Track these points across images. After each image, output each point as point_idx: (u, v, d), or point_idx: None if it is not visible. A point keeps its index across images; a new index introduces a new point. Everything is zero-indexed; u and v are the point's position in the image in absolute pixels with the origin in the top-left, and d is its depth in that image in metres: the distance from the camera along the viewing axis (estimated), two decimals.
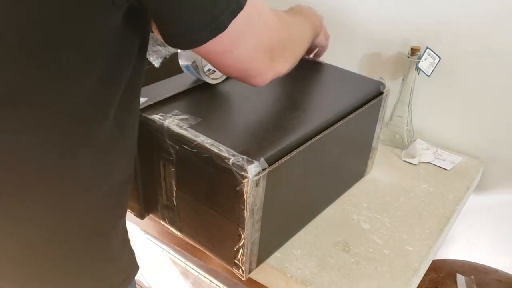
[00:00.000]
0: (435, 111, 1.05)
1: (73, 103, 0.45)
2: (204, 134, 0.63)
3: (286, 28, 0.59)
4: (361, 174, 0.92)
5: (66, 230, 0.52)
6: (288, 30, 0.61)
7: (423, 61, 0.96)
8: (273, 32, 0.54)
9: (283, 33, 0.58)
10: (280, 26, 0.56)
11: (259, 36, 0.51)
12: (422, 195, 0.90)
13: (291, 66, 0.63)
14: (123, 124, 0.53)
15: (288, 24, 0.62)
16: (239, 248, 0.65)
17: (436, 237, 0.80)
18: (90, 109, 0.47)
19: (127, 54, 0.49)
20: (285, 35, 0.59)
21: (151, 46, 0.91)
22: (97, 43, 0.44)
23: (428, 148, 1.02)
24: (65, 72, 0.43)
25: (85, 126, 0.48)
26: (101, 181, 0.53)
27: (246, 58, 0.52)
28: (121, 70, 0.49)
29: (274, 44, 0.55)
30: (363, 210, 0.84)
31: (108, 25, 0.43)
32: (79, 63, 0.44)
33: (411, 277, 0.72)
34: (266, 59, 0.55)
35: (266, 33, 0.53)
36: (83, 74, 0.45)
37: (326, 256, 0.74)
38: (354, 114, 0.76)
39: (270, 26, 0.54)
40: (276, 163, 0.62)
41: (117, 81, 0.49)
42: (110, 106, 0.50)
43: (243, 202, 0.60)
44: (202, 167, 0.63)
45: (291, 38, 0.62)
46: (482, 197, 1.06)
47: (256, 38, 0.51)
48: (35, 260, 0.52)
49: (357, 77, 0.86)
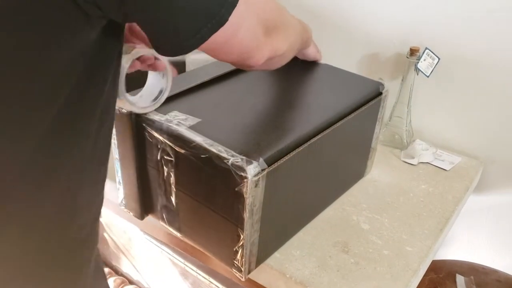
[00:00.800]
0: (434, 112, 1.05)
1: (34, 135, 0.42)
2: (203, 134, 0.63)
3: (280, 8, 0.59)
4: (360, 175, 0.92)
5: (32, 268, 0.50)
6: (282, 11, 0.60)
7: (422, 62, 0.96)
8: (269, 6, 0.54)
9: (277, 11, 0.58)
10: (274, 5, 0.57)
11: (256, 13, 0.51)
12: (421, 195, 0.90)
13: (288, 48, 0.62)
14: (94, 160, 0.51)
15: (282, 9, 0.62)
16: (239, 248, 0.65)
17: (436, 238, 0.80)
18: (55, 141, 0.44)
19: (100, 81, 0.45)
20: (280, 13, 0.59)
21: None
22: (61, 69, 0.40)
23: (427, 149, 1.02)
24: (23, 103, 0.40)
25: (51, 159, 0.45)
26: (68, 222, 0.51)
27: (246, 40, 0.50)
28: (92, 97, 0.46)
29: (270, 20, 0.55)
30: (362, 211, 0.84)
31: (79, 47, 0.40)
32: (40, 92, 0.40)
33: (411, 277, 0.72)
34: (262, 35, 0.53)
35: (262, 7, 0.52)
36: (44, 105, 0.41)
37: (325, 257, 0.74)
38: (353, 115, 0.76)
39: (266, 1, 0.54)
40: (275, 163, 0.62)
41: (86, 110, 0.45)
42: (79, 137, 0.46)
43: (242, 202, 0.60)
44: (201, 168, 0.63)
45: (286, 19, 0.62)
46: (481, 197, 1.06)
47: (254, 16, 0.50)
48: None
49: (356, 78, 0.86)
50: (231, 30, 0.46)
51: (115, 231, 1.35)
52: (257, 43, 0.53)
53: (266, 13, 0.54)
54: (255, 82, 0.82)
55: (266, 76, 0.84)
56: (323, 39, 1.13)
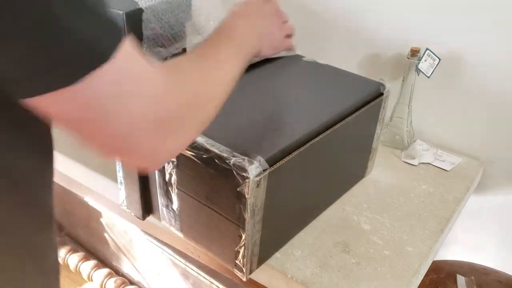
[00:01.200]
0: (435, 112, 1.05)
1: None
2: (205, 135, 0.64)
3: (177, 91, 0.44)
4: (361, 175, 0.92)
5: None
6: (182, 91, 0.45)
7: (423, 62, 0.96)
8: (157, 99, 0.41)
9: (172, 100, 0.43)
10: (168, 90, 0.42)
11: (136, 103, 0.39)
12: (422, 196, 0.90)
13: (195, 134, 0.51)
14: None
15: (182, 83, 0.46)
16: (240, 248, 0.65)
17: (436, 238, 0.80)
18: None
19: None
20: (176, 102, 0.43)
21: (151, 47, 0.91)
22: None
23: (428, 149, 1.02)
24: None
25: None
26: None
27: (119, 133, 0.39)
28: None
29: (161, 115, 0.41)
30: (363, 211, 0.84)
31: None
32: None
33: (411, 277, 0.72)
34: (150, 134, 0.41)
35: (146, 100, 0.39)
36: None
37: (326, 257, 0.74)
38: (354, 115, 0.76)
39: (151, 91, 0.40)
40: (277, 163, 0.62)
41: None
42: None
43: (244, 203, 0.60)
44: (202, 168, 0.63)
45: (190, 102, 0.46)
46: (482, 198, 1.07)
47: (132, 106, 0.38)
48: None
49: (357, 78, 0.87)
50: (88, 105, 0.37)
51: (116, 231, 1.35)
52: (140, 143, 0.41)
53: (156, 106, 0.40)
54: (256, 82, 0.82)
55: (267, 76, 0.84)
56: (324, 39, 1.14)
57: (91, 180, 0.94)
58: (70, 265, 1.43)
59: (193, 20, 0.99)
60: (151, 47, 0.91)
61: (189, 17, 0.98)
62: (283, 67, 0.88)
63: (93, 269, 1.39)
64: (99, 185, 0.92)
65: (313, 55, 0.93)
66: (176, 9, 0.93)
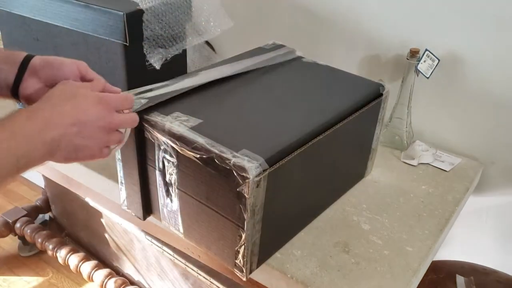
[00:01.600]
0: (434, 113, 1.05)
1: None
2: (205, 135, 0.64)
3: None
4: (361, 175, 0.93)
5: None
6: None
7: (422, 63, 0.96)
8: None
9: None
10: None
11: None
12: (421, 196, 0.90)
13: None
14: None
15: None
16: (240, 248, 0.66)
17: (436, 238, 0.80)
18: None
19: None
20: None
21: (152, 48, 0.91)
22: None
23: (428, 150, 1.02)
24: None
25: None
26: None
27: None
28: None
29: None
30: (363, 211, 0.85)
31: None
32: None
33: (411, 277, 0.72)
34: None
35: None
36: None
37: (326, 257, 0.75)
38: (354, 116, 0.76)
39: None
40: (276, 164, 0.62)
41: None
42: None
43: (243, 203, 0.60)
44: (203, 168, 0.63)
45: None
46: (481, 198, 1.07)
47: None
48: None
49: (356, 79, 0.87)
50: None
51: (116, 231, 1.35)
52: None
53: None
54: (257, 83, 0.82)
55: (267, 77, 0.84)
56: (324, 40, 1.14)
57: (92, 181, 0.94)
58: (71, 265, 1.43)
59: (193, 21, 1.00)
60: (152, 47, 0.91)
61: (189, 18, 0.98)
62: (282, 67, 0.88)
63: (93, 269, 1.39)
64: (100, 185, 0.92)
65: (312, 56, 0.93)
66: (176, 10, 0.94)
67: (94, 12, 0.87)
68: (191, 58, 1.16)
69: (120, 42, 0.88)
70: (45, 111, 0.53)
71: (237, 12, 1.09)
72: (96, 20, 0.88)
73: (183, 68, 1.07)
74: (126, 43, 0.87)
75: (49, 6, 0.93)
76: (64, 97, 0.55)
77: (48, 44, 1.00)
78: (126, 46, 0.88)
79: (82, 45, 0.95)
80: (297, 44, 0.97)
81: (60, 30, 0.96)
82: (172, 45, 0.95)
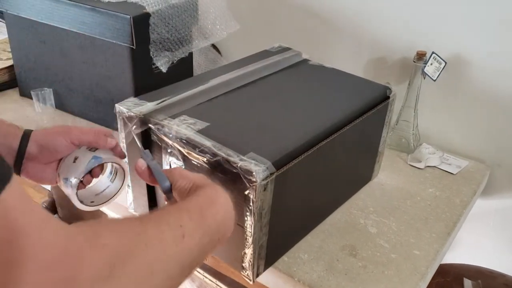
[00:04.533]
0: (441, 116, 1.05)
1: None
2: (212, 138, 0.64)
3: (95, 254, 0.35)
4: (367, 178, 0.93)
5: None
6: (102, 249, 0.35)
7: (429, 66, 0.96)
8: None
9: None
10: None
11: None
12: (428, 199, 0.90)
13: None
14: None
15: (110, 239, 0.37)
16: (247, 251, 0.65)
17: (443, 241, 0.80)
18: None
19: None
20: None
21: (158, 51, 0.92)
22: None
23: (434, 153, 1.02)
24: None
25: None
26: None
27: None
28: None
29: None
30: (370, 214, 0.85)
31: None
32: None
33: (418, 281, 0.72)
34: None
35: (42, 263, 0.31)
36: None
37: (333, 260, 0.74)
38: (361, 119, 0.76)
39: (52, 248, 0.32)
40: (284, 167, 0.62)
41: None
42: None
43: (250, 206, 0.60)
44: (210, 172, 0.63)
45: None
46: (488, 201, 1.06)
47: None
48: None
49: (363, 82, 0.87)
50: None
51: None
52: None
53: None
54: (263, 86, 0.82)
55: (273, 80, 0.84)
56: (330, 43, 1.14)
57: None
58: None
59: (200, 24, 1.00)
60: (158, 50, 0.91)
61: (195, 21, 0.99)
62: (289, 70, 0.88)
63: None
64: None
65: (319, 59, 0.93)
66: (183, 14, 0.94)
67: (101, 16, 0.87)
68: (197, 61, 1.16)
69: (127, 45, 0.88)
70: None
71: (243, 15, 1.09)
72: (103, 23, 0.88)
73: (189, 71, 1.07)
74: (132, 46, 0.87)
75: (56, 10, 0.93)
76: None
77: (55, 47, 1.01)
78: (133, 49, 0.88)
79: (89, 48, 0.95)
80: (303, 47, 0.97)
81: (67, 33, 0.96)
82: (179, 48, 0.96)
